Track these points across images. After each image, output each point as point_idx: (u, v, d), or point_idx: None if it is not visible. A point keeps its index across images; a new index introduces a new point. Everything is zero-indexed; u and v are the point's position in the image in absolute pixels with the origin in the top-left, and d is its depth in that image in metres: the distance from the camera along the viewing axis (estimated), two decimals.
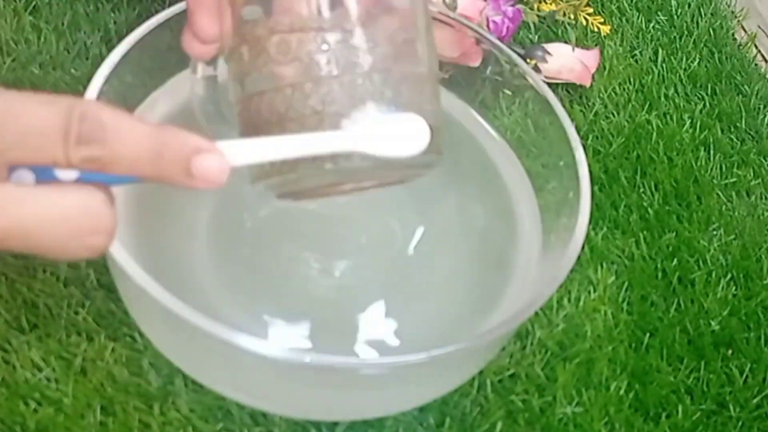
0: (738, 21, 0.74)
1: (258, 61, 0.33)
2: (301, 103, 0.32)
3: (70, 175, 0.26)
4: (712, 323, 0.50)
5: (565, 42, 0.60)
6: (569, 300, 0.48)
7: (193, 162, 0.27)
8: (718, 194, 0.57)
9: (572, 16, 0.61)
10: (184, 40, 0.35)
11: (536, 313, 0.47)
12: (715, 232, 0.55)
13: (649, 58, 0.66)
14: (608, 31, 0.63)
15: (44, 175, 0.26)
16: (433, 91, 0.34)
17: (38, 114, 0.25)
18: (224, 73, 0.36)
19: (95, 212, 0.26)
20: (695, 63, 0.66)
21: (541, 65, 0.58)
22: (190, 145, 0.27)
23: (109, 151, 0.26)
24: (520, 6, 0.57)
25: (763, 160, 0.61)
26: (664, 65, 0.65)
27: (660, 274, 0.52)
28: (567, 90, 0.60)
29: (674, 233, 0.54)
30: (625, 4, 0.70)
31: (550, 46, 0.59)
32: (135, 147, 0.26)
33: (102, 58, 0.38)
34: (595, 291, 0.49)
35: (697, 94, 0.64)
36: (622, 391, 0.45)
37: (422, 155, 0.32)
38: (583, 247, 0.40)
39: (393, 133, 0.31)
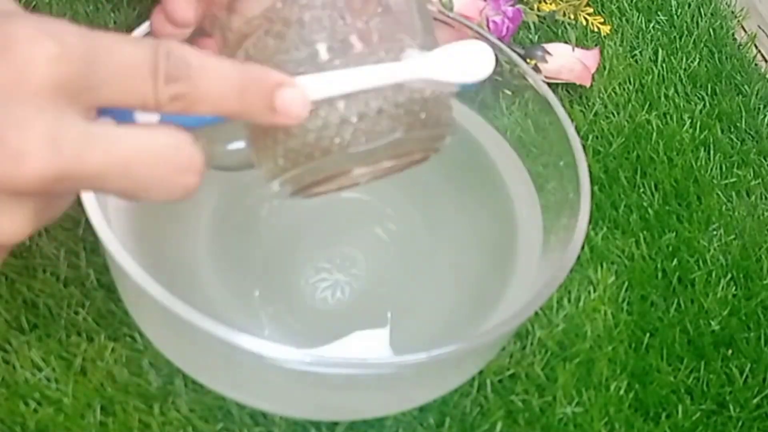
0: (738, 21, 0.74)
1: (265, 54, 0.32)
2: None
3: (152, 119, 0.26)
4: (712, 323, 0.50)
5: (565, 42, 0.60)
6: (569, 300, 0.48)
7: (277, 96, 0.27)
8: (718, 194, 0.57)
9: (572, 16, 0.61)
10: (153, 22, 0.33)
11: (536, 313, 0.47)
12: (715, 232, 0.55)
13: (649, 58, 0.66)
14: (608, 31, 0.63)
15: (125, 119, 0.26)
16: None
17: (128, 51, 0.24)
18: None
19: (188, 150, 0.26)
20: (695, 63, 0.66)
21: (541, 65, 0.58)
22: (272, 79, 0.27)
23: (196, 87, 0.26)
24: (520, 6, 0.57)
25: (763, 160, 0.61)
26: (664, 65, 0.65)
27: (660, 274, 0.52)
28: (567, 90, 0.60)
29: (674, 233, 0.54)
30: (625, 4, 0.70)
31: (550, 46, 0.59)
32: (221, 82, 0.26)
33: None
34: (595, 291, 0.49)
35: (697, 94, 0.64)
36: (622, 391, 0.46)
37: (432, 127, 0.32)
38: (583, 247, 0.40)
39: (462, 57, 0.31)
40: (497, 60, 0.45)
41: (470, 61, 0.32)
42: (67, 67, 0.23)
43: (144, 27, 0.39)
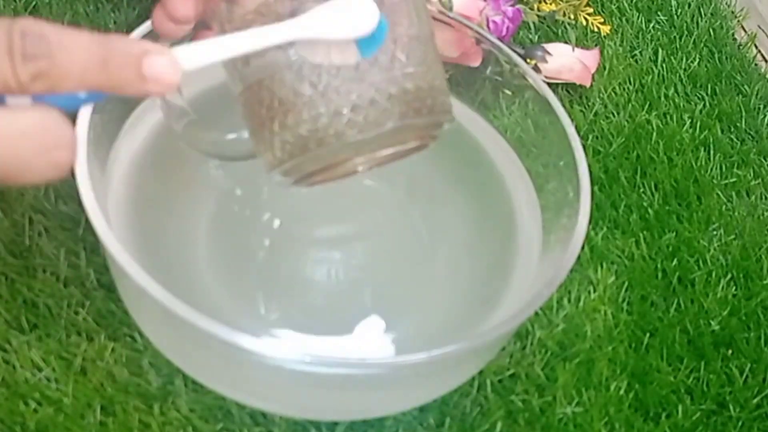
0: (738, 21, 0.74)
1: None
2: (300, 84, 0.31)
3: (24, 101, 0.26)
4: (712, 323, 0.50)
5: (565, 42, 0.60)
6: (569, 300, 0.48)
7: (144, 64, 0.27)
8: (718, 194, 0.57)
9: (572, 16, 0.61)
10: (154, 19, 0.34)
11: (536, 313, 0.47)
12: (715, 232, 0.55)
13: (649, 58, 0.66)
14: (608, 31, 0.63)
15: None
16: (430, 49, 0.34)
17: None
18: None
19: (54, 127, 0.26)
20: (695, 63, 0.66)
21: (541, 65, 0.58)
22: (138, 48, 0.27)
23: (56, 63, 0.25)
24: (520, 6, 0.57)
25: (763, 160, 0.61)
26: (664, 65, 0.65)
27: (660, 274, 0.52)
28: (567, 90, 0.60)
29: (674, 233, 0.54)
30: (625, 4, 0.70)
31: (550, 46, 0.59)
32: (82, 55, 0.26)
33: None
34: (595, 291, 0.49)
35: (697, 94, 0.64)
36: (622, 391, 0.45)
37: (426, 115, 0.32)
38: (583, 247, 0.40)
39: (340, 12, 0.30)
40: (497, 60, 0.46)
41: (351, 16, 0.30)
42: None
43: (144, 27, 0.39)
